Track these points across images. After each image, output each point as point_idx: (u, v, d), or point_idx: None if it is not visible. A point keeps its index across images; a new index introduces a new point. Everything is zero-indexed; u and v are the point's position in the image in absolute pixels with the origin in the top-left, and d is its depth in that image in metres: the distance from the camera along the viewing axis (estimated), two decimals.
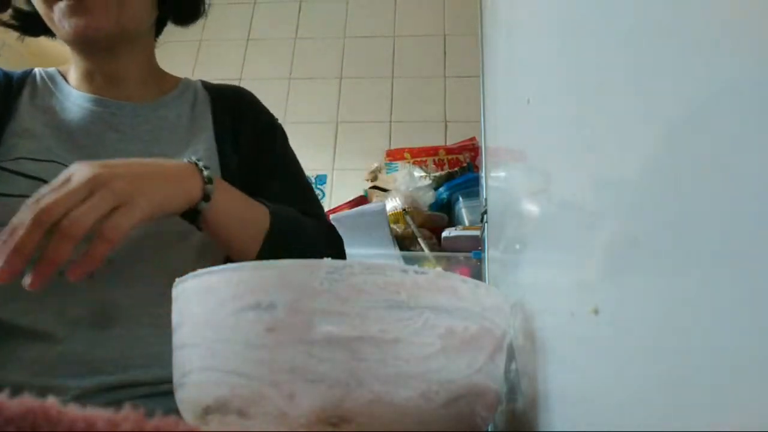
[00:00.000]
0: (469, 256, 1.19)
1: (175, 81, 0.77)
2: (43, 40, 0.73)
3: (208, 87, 0.77)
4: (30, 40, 0.73)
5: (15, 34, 0.73)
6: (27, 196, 0.44)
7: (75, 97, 0.68)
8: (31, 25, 0.70)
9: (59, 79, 0.70)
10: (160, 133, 0.69)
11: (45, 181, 0.47)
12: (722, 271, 0.15)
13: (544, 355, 0.33)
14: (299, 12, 2.39)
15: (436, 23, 2.27)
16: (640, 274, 0.20)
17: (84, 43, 0.65)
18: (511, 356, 0.40)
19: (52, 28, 0.65)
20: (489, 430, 0.45)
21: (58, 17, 0.61)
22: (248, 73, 2.24)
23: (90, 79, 0.69)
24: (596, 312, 0.24)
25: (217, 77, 0.85)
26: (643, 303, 0.20)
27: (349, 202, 1.54)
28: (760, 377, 0.13)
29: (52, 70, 0.71)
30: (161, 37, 0.78)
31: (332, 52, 2.29)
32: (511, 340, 0.40)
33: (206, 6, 0.77)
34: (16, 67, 0.71)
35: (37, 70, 0.71)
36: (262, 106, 0.79)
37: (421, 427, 0.28)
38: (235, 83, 0.85)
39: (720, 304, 0.15)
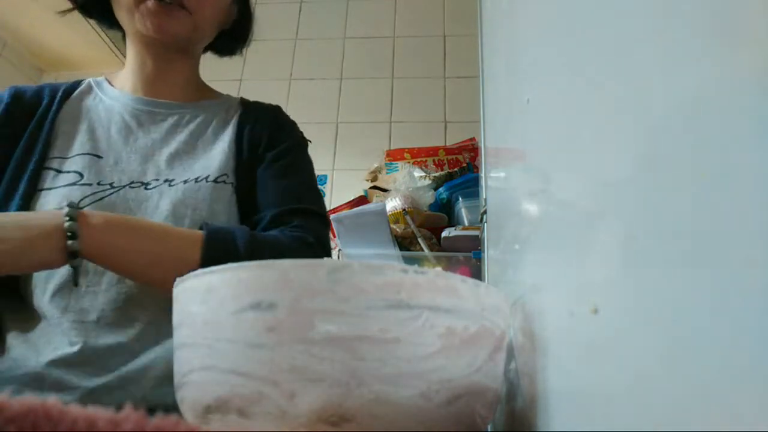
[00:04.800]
0: (469, 256, 1.19)
1: (217, 94, 0.82)
2: (43, 40, 0.74)
3: (245, 102, 0.82)
4: (30, 41, 0.74)
5: (15, 34, 0.74)
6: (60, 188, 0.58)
7: (113, 95, 0.74)
8: (92, 6, 0.75)
9: (104, 82, 0.77)
10: (180, 129, 0.72)
11: (79, 173, 0.61)
12: (722, 271, 0.15)
13: (543, 354, 0.33)
14: (299, 12, 2.39)
15: (436, 23, 2.27)
16: (640, 273, 0.20)
17: (153, 44, 0.72)
18: (510, 356, 0.40)
19: (126, 19, 0.70)
20: (489, 429, 0.45)
21: (142, 12, 0.67)
22: (249, 74, 2.23)
23: (137, 77, 0.75)
24: (596, 312, 0.24)
25: (217, 78, 0.86)
26: (642, 303, 0.20)
27: (349, 202, 1.54)
28: (760, 377, 0.13)
29: (100, 78, 0.79)
30: None
31: (332, 53, 2.29)
32: (511, 339, 0.40)
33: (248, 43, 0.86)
34: (15, 67, 0.72)
35: (89, 79, 0.78)
36: (290, 120, 0.81)
37: (421, 426, 0.28)
38: (236, 83, 0.87)
39: (720, 303, 0.15)
